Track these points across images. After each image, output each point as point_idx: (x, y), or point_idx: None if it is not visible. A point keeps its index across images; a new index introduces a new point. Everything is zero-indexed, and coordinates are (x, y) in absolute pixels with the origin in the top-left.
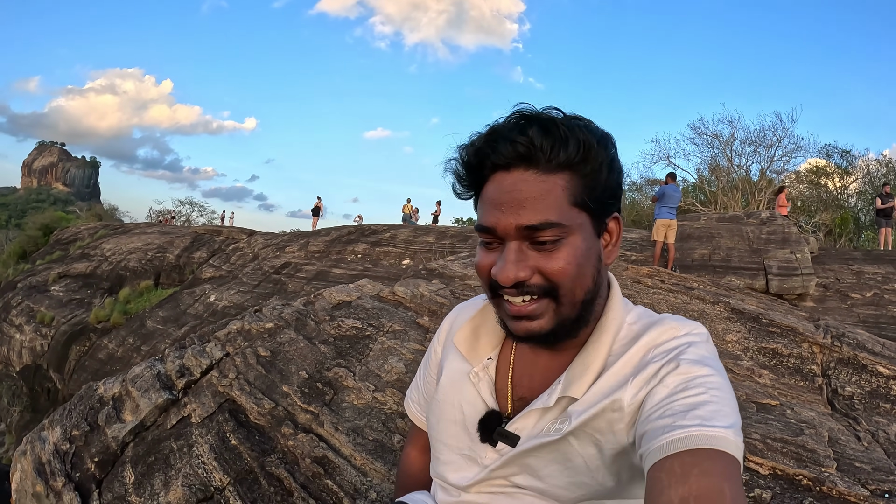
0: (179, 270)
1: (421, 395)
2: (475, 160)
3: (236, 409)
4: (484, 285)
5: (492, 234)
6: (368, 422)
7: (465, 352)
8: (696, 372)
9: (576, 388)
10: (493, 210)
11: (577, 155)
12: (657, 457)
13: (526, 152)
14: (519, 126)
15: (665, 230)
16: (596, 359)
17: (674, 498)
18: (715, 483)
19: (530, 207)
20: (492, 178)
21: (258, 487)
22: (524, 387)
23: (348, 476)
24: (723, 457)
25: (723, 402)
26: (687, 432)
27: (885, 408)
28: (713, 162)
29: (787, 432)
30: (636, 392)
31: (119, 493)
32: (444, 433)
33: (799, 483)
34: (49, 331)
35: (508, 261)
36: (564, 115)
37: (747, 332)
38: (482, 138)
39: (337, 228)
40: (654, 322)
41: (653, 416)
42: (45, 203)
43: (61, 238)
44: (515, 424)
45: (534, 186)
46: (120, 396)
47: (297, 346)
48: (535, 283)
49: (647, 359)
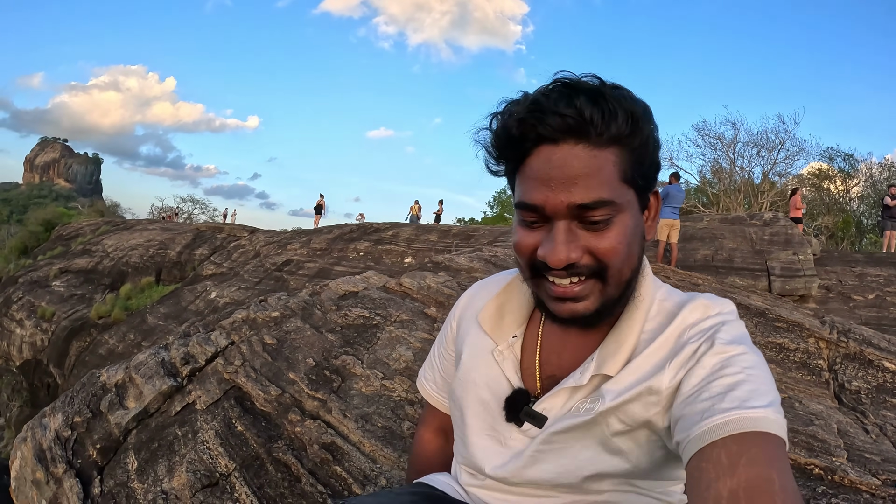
0: (181, 267)
1: (437, 372)
2: (518, 132)
3: (242, 396)
4: (524, 265)
5: (538, 212)
6: (377, 409)
7: (489, 330)
8: (732, 351)
9: (610, 365)
10: (540, 186)
11: (626, 128)
12: (699, 444)
13: (576, 125)
14: (565, 96)
15: (668, 230)
16: (630, 336)
17: (722, 491)
18: (763, 472)
19: (582, 185)
20: (536, 152)
21: (265, 473)
22: (553, 365)
23: (357, 462)
24: (767, 439)
25: (759, 381)
26: (727, 416)
27: (892, 402)
28: (716, 164)
29: (798, 423)
30: (674, 375)
31: (121, 479)
32: (468, 411)
33: (811, 472)
34: (50, 326)
35: (559, 241)
36: (604, 83)
37: (754, 327)
38: (524, 108)
39: (339, 226)
40: (687, 300)
41: (690, 398)
42: (47, 199)
43: (63, 234)
44: (543, 404)
45: (585, 162)
46: (123, 383)
47: (303, 334)
48: (584, 263)
49: (684, 340)
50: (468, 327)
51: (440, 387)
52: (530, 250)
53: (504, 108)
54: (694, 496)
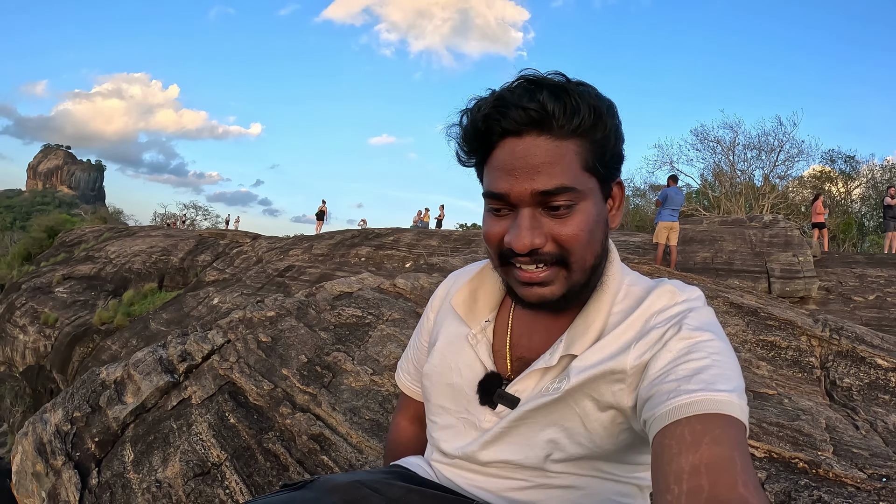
0: (183, 273)
1: (411, 363)
2: (483, 126)
3: (236, 391)
4: (493, 253)
5: (504, 200)
6: (366, 402)
7: (463, 314)
8: (699, 337)
9: (578, 346)
10: (505, 176)
11: (589, 120)
12: (664, 422)
13: (538, 118)
14: (528, 91)
15: (667, 233)
16: (597, 318)
17: (684, 465)
18: (726, 452)
19: (545, 172)
20: (501, 144)
21: (255, 462)
22: (524, 347)
23: (344, 452)
24: (730, 422)
25: (726, 366)
26: (693, 397)
27: (883, 399)
28: (716, 167)
29: (784, 417)
30: (640, 355)
31: (118, 470)
32: (442, 396)
33: (795, 466)
34: (53, 332)
35: (523, 227)
36: (569, 79)
37: (745, 326)
38: (489, 104)
39: (341, 232)
40: (654, 286)
41: (657, 379)
42: (50, 206)
43: (66, 240)
44: (516, 386)
45: (547, 151)
46: (122, 380)
47: (297, 332)
48: (547, 251)
49: (650, 324)
50: (444, 316)
51: (414, 377)
52: (498, 238)
53: (472, 105)
54: (656, 470)
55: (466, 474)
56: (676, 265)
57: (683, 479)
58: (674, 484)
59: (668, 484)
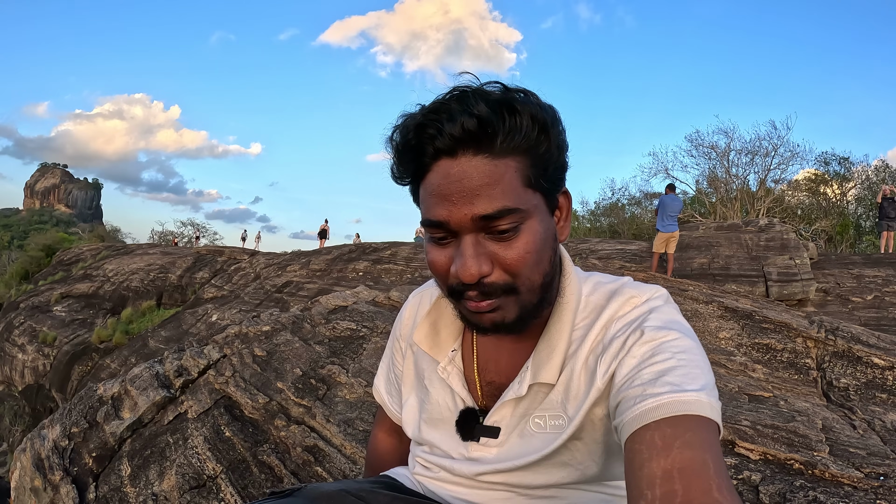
0: (182, 290)
1: (392, 385)
2: (415, 141)
3: (231, 405)
4: (441, 284)
5: (444, 228)
6: (360, 414)
7: (428, 349)
8: (663, 337)
9: (545, 373)
10: (441, 202)
11: (532, 136)
12: (633, 427)
13: (475, 134)
14: (463, 104)
15: (666, 243)
16: (560, 339)
17: (656, 470)
18: (698, 455)
19: (484, 195)
20: (435, 167)
21: (249, 475)
22: (491, 371)
23: (338, 463)
24: (700, 423)
25: (692, 365)
26: (660, 400)
27: (881, 398)
28: (711, 173)
29: (779, 419)
30: (606, 369)
31: (115, 484)
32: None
33: (790, 467)
34: (51, 350)
35: (467, 256)
36: (507, 87)
37: (740, 329)
38: (421, 118)
39: (338, 247)
40: (614, 292)
41: (623, 386)
42: (47, 224)
43: (64, 259)
44: (493, 417)
45: (485, 172)
46: (119, 395)
47: (292, 346)
48: (494, 279)
49: (611, 334)
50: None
51: (393, 396)
52: (444, 269)
53: (402, 122)
54: (629, 476)
55: (450, 487)
56: (674, 272)
57: (656, 484)
58: (647, 489)
59: (640, 490)
